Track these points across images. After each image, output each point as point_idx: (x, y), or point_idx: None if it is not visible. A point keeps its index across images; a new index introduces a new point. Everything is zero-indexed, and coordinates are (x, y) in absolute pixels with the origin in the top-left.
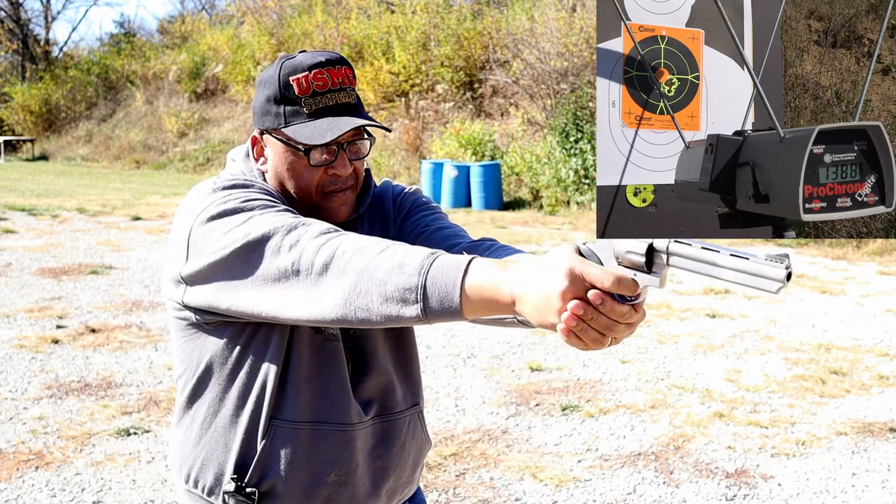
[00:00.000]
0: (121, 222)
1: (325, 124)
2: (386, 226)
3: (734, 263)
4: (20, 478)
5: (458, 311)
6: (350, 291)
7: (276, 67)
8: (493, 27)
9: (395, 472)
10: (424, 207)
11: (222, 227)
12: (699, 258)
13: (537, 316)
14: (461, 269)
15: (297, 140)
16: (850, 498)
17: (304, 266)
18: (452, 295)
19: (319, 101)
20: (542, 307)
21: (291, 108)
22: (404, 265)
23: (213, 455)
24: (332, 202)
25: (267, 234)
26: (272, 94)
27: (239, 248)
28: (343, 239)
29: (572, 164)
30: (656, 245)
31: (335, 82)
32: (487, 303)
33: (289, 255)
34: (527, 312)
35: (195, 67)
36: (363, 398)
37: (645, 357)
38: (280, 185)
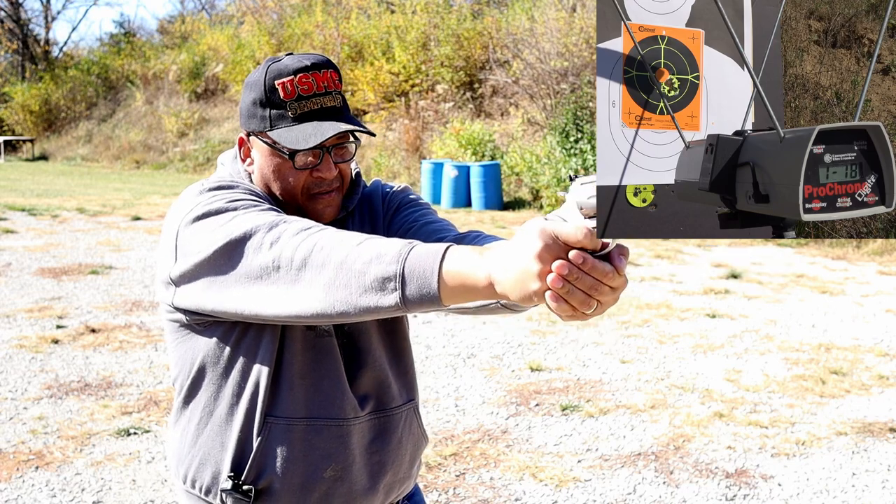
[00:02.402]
0: (121, 222)
1: (309, 129)
2: (375, 223)
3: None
4: (20, 478)
5: (437, 297)
6: (329, 285)
7: (262, 70)
8: (493, 27)
9: (392, 467)
10: (412, 204)
11: (207, 226)
12: None
13: (519, 288)
14: (438, 256)
15: (282, 144)
16: (850, 498)
17: (285, 262)
18: (430, 281)
19: (304, 106)
20: (521, 277)
21: (276, 112)
22: (382, 255)
23: (210, 454)
24: (317, 204)
25: (249, 232)
26: (258, 97)
27: (222, 247)
28: (322, 234)
29: (572, 164)
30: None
31: (320, 86)
32: (465, 288)
33: (269, 252)
34: (507, 289)
35: (195, 67)
36: (359, 393)
37: (645, 357)
38: (266, 186)
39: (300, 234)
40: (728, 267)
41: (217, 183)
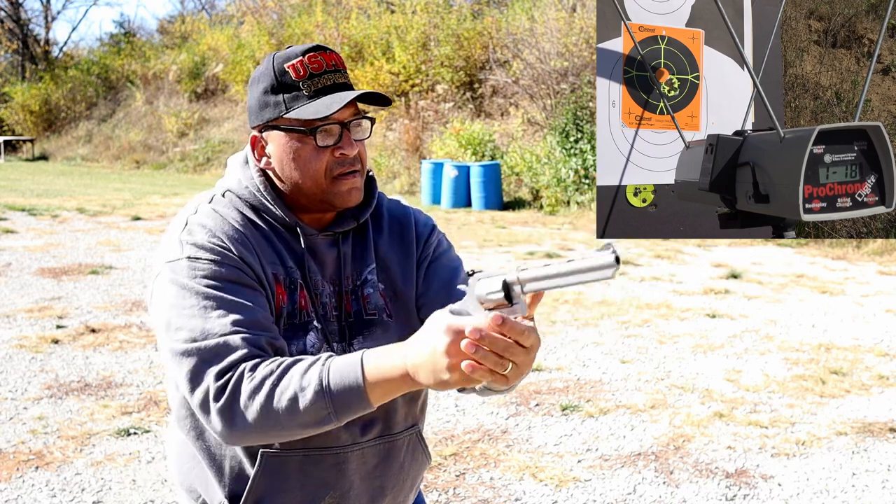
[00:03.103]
0: (121, 222)
1: (327, 100)
2: (407, 252)
3: (570, 266)
4: (20, 478)
5: (369, 404)
6: (263, 431)
7: (268, 61)
8: (493, 27)
9: (392, 491)
10: (445, 258)
11: (173, 303)
12: (542, 275)
13: (433, 377)
14: (358, 368)
15: (303, 118)
16: (850, 498)
17: (222, 399)
18: (359, 393)
19: (318, 82)
20: (433, 368)
21: (290, 94)
22: (305, 390)
23: (208, 479)
24: (342, 186)
25: (196, 364)
26: (268, 85)
27: (171, 354)
28: (252, 384)
29: (572, 164)
30: (508, 279)
31: (329, 64)
32: (389, 383)
33: (209, 385)
34: (423, 379)
35: (195, 67)
36: (364, 419)
37: (645, 357)
38: (287, 180)
39: (246, 384)
40: (728, 267)
41: (201, 242)
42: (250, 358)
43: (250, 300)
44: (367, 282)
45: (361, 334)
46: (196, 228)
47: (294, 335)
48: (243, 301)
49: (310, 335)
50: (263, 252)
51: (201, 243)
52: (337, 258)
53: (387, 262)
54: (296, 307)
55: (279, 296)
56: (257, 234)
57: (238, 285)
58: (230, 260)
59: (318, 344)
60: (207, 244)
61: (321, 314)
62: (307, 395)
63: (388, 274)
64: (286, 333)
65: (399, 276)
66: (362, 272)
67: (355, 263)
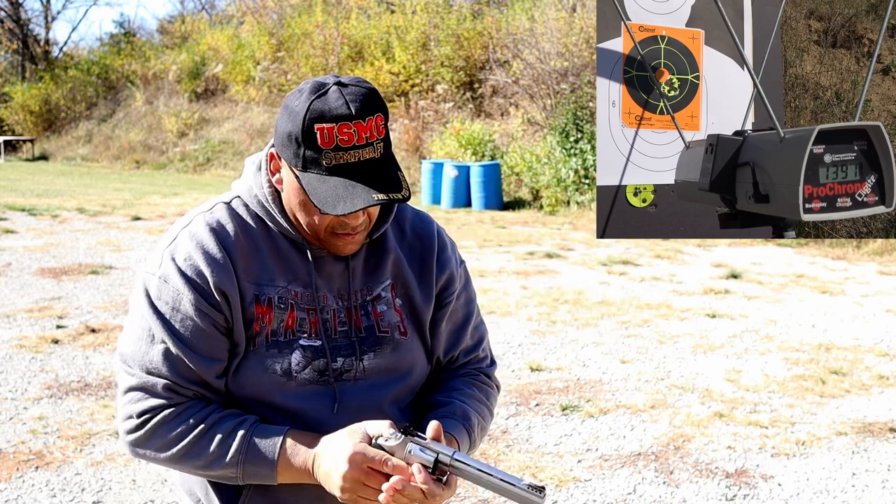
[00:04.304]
0: (121, 222)
1: (340, 189)
2: (425, 276)
3: (503, 487)
4: (20, 478)
5: (275, 482)
6: (166, 467)
7: (305, 104)
8: (493, 27)
9: None
10: (461, 290)
11: (133, 313)
12: (475, 477)
13: (326, 486)
14: (276, 452)
15: (309, 195)
16: (850, 498)
17: (137, 434)
18: (269, 475)
19: (341, 158)
20: (328, 484)
21: (311, 155)
22: (220, 457)
23: (207, 485)
24: (338, 241)
25: (126, 387)
26: (295, 132)
27: (116, 355)
28: (171, 434)
29: (572, 164)
30: (441, 458)
31: (361, 137)
32: (295, 476)
33: (131, 414)
34: (323, 486)
35: (195, 67)
36: None
37: (645, 357)
38: (290, 212)
39: (165, 426)
40: (728, 267)
41: (176, 266)
42: (176, 404)
43: (200, 338)
44: (381, 298)
45: (373, 351)
46: (181, 245)
47: (279, 353)
48: (192, 339)
49: (295, 353)
50: (258, 268)
51: (177, 266)
52: (345, 272)
53: (405, 279)
54: (281, 326)
55: (260, 316)
56: (260, 244)
57: (194, 321)
58: (199, 289)
59: (303, 363)
60: (182, 268)
61: (321, 331)
62: (222, 461)
63: (406, 290)
64: (268, 351)
65: (418, 295)
66: (374, 288)
67: (367, 278)
